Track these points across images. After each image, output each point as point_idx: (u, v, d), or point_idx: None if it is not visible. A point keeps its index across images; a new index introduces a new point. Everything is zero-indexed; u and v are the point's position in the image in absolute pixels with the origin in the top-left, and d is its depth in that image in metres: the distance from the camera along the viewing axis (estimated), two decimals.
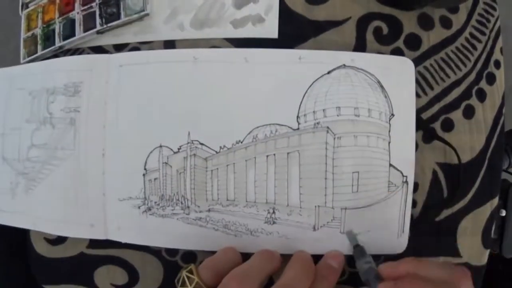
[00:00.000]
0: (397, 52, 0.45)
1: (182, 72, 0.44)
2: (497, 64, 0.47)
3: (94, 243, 0.46)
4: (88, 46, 0.47)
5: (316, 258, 0.45)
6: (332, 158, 0.42)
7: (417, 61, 0.45)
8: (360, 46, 0.45)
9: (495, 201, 0.46)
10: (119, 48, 0.47)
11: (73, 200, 0.45)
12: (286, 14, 0.45)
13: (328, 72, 0.43)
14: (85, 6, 0.47)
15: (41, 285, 0.48)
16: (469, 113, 0.46)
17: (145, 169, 0.44)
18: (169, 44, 0.46)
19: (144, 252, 0.46)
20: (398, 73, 0.44)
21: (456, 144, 0.45)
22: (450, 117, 0.46)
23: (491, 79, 0.47)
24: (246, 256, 0.44)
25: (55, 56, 0.48)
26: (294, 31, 0.45)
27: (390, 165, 0.43)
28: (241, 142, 0.43)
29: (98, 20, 0.46)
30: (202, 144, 0.44)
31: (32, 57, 0.48)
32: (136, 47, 0.46)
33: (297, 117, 0.43)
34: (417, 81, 0.45)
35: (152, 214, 0.44)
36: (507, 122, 0.48)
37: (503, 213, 0.49)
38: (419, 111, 0.45)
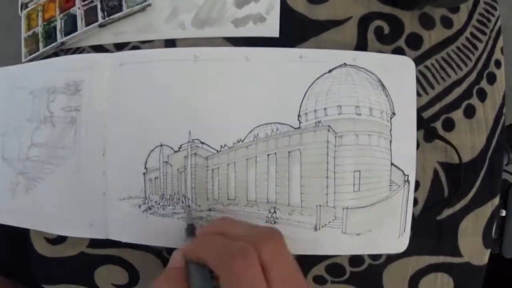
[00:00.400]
0: (398, 51, 0.46)
1: (182, 70, 0.44)
2: (498, 64, 0.47)
3: (94, 243, 0.46)
4: (89, 45, 0.47)
5: (317, 259, 0.45)
6: (333, 157, 0.42)
7: (418, 61, 0.45)
8: (361, 45, 0.45)
9: (496, 200, 0.46)
10: (120, 47, 0.47)
11: (73, 200, 0.45)
12: (287, 13, 0.45)
13: (329, 71, 0.43)
14: (86, 1, 0.47)
15: (41, 285, 0.48)
16: (470, 112, 0.46)
17: (145, 168, 0.44)
18: (170, 43, 0.46)
19: (144, 251, 0.46)
20: (399, 72, 0.44)
21: (457, 143, 0.45)
22: (451, 116, 0.46)
23: (492, 79, 0.47)
24: None
25: (56, 55, 0.48)
26: (295, 30, 0.45)
27: (392, 164, 0.43)
28: (242, 141, 0.43)
29: (100, 14, 0.46)
30: (202, 143, 0.43)
31: (34, 55, 0.48)
32: (137, 46, 0.46)
33: (298, 115, 0.43)
34: (418, 80, 0.45)
35: (153, 214, 0.44)
36: (507, 122, 0.48)
37: (503, 213, 0.49)
38: (420, 110, 0.45)
